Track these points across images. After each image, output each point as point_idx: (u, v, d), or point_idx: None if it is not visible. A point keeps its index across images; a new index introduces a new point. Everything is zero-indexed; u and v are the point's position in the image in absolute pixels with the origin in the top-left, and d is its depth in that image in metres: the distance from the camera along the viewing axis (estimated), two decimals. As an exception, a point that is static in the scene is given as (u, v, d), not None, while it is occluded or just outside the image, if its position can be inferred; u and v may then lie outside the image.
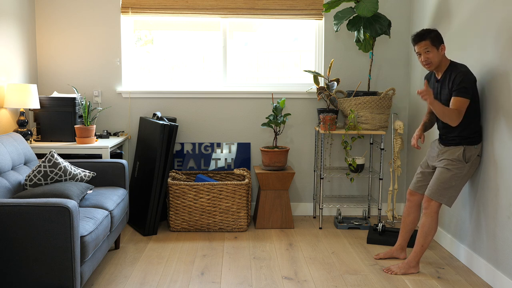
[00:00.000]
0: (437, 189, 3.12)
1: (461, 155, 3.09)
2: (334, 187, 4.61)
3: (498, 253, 2.98)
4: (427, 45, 3.10)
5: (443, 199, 3.12)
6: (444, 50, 3.13)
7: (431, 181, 3.19)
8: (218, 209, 4.00)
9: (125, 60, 4.44)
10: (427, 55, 3.11)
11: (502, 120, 2.96)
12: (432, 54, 3.10)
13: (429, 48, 3.10)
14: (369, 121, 4.07)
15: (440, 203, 3.14)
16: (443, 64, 3.15)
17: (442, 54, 3.12)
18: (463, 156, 3.09)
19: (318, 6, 4.38)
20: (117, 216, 3.25)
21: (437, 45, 3.10)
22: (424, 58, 3.13)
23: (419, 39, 3.13)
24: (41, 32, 4.32)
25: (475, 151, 3.11)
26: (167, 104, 4.45)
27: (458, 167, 3.10)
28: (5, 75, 3.77)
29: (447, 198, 3.13)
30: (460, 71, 3.03)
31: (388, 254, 3.47)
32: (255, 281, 3.09)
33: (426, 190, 3.20)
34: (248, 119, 4.50)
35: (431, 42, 3.09)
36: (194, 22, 4.56)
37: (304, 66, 4.63)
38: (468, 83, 3.00)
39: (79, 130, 3.86)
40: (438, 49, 3.10)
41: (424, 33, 3.13)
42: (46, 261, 2.48)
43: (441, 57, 3.13)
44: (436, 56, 3.11)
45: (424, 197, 3.20)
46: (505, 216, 2.91)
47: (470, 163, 3.11)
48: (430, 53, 3.10)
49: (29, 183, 3.11)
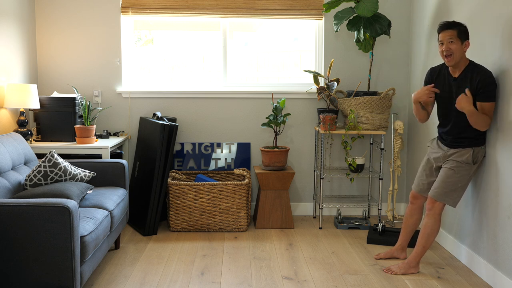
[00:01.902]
0: (443, 191, 3.09)
1: (470, 157, 3.05)
2: (334, 187, 4.61)
3: (499, 253, 2.98)
4: (453, 35, 2.95)
5: (449, 201, 3.10)
6: (468, 47, 3.00)
7: (436, 182, 3.15)
8: (218, 209, 4.00)
9: (125, 60, 4.44)
10: (450, 45, 2.96)
11: (503, 120, 2.96)
12: (455, 46, 2.96)
13: (454, 39, 2.95)
14: (369, 121, 4.07)
15: (444, 205, 3.13)
16: (462, 62, 3.02)
17: (464, 50, 2.99)
18: (472, 158, 3.06)
19: (318, 6, 4.38)
20: (117, 216, 3.25)
21: (463, 39, 2.97)
22: (446, 48, 2.97)
23: (446, 27, 2.98)
24: (41, 32, 4.32)
25: (482, 152, 3.09)
26: (167, 104, 4.44)
27: (466, 169, 3.07)
28: (5, 75, 3.77)
29: (453, 199, 3.11)
30: (485, 74, 2.93)
31: (388, 254, 3.47)
32: (255, 281, 3.09)
33: (430, 191, 3.17)
34: (248, 119, 4.50)
35: (457, 34, 2.95)
36: (194, 22, 4.56)
37: (304, 66, 4.63)
38: (493, 85, 2.93)
39: (79, 130, 3.86)
40: (462, 44, 2.97)
41: (453, 23, 2.99)
42: (46, 261, 2.48)
43: (463, 54, 2.99)
44: (459, 50, 2.97)
45: (428, 198, 3.17)
46: (505, 216, 2.91)
47: (477, 164, 3.09)
48: (453, 44, 2.96)
49: (29, 183, 3.11)
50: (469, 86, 2.97)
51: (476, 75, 2.95)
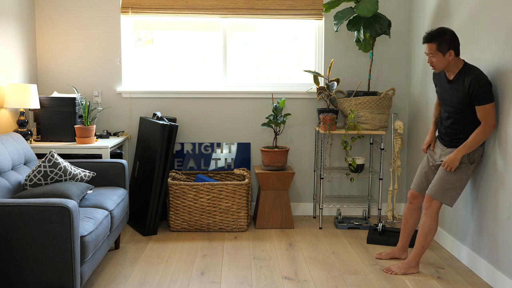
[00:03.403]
0: (440, 189, 3.10)
1: (466, 157, 3.06)
2: (334, 187, 4.61)
3: (499, 254, 2.98)
4: (432, 49, 2.98)
5: (446, 200, 3.11)
6: (452, 57, 2.97)
7: (433, 181, 3.16)
8: (218, 209, 4.00)
9: (125, 60, 4.44)
10: (431, 58, 3.02)
11: (503, 120, 2.95)
12: (435, 59, 3.00)
13: (434, 53, 2.99)
14: (369, 121, 4.07)
15: (441, 203, 3.13)
16: (455, 65, 3.02)
17: (449, 60, 2.98)
18: (468, 158, 3.07)
19: (318, 6, 4.38)
20: (117, 216, 3.25)
21: (444, 51, 2.96)
22: (428, 60, 3.05)
23: (426, 41, 3.01)
24: (41, 32, 4.32)
25: (479, 152, 3.09)
26: (167, 104, 4.44)
27: (463, 169, 3.08)
28: (5, 75, 3.77)
29: (450, 198, 3.11)
30: (474, 77, 2.91)
31: (390, 255, 3.46)
32: (255, 281, 3.09)
33: (428, 189, 3.18)
34: (248, 119, 4.50)
35: (437, 47, 2.96)
36: (194, 22, 4.56)
37: (304, 66, 4.63)
38: (486, 86, 2.90)
39: (79, 130, 3.86)
40: (444, 55, 2.97)
41: (434, 34, 2.98)
42: (46, 261, 2.48)
43: (447, 62, 2.99)
44: (441, 61, 2.99)
45: (425, 197, 3.18)
46: (505, 216, 2.91)
47: (474, 164, 3.10)
48: (434, 57, 3.00)
49: (29, 183, 3.11)
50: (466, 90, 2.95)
51: (467, 78, 2.95)
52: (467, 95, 2.96)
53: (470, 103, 2.97)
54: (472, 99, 2.94)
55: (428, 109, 3.99)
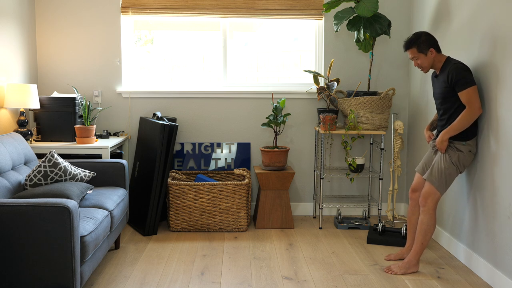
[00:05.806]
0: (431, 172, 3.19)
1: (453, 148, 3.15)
2: (334, 187, 4.61)
3: (498, 253, 2.98)
4: (413, 53, 3.20)
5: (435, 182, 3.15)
6: (434, 54, 3.17)
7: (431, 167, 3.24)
8: (218, 209, 4.00)
9: (125, 60, 4.44)
10: (416, 61, 3.23)
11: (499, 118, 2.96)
12: (421, 60, 3.20)
13: (416, 56, 3.20)
14: (369, 121, 4.07)
15: (437, 200, 3.16)
16: (439, 61, 3.21)
17: (432, 57, 3.18)
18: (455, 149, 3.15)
19: (318, 6, 4.38)
20: (117, 216, 3.25)
21: (425, 51, 3.17)
22: (415, 64, 3.26)
23: (405, 48, 3.24)
24: (41, 32, 4.32)
25: (466, 147, 3.14)
26: (167, 104, 4.45)
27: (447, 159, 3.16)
28: (5, 75, 3.77)
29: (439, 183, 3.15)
30: (451, 66, 3.08)
31: (399, 256, 3.46)
32: (255, 281, 3.09)
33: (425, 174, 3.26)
34: (248, 119, 4.50)
35: (417, 50, 3.18)
36: (194, 22, 4.56)
37: (304, 66, 4.63)
38: (463, 72, 3.04)
39: (79, 130, 3.86)
40: (426, 54, 3.18)
41: (411, 40, 3.21)
42: (46, 261, 2.48)
43: (432, 60, 3.20)
44: (426, 60, 3.19)
45: (421, 194, 3.22)
46: (505, 216, 2.91)
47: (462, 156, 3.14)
48: (418, 59, 3.21)
49: (29, 183, 3.11)
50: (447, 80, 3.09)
51: (449, 70, 3.10)
52: (449, 84, 3.10)
53: (453, 91, 3.10)
54: (453, 86, 3.08)
55: (428, 109, 3.99)
